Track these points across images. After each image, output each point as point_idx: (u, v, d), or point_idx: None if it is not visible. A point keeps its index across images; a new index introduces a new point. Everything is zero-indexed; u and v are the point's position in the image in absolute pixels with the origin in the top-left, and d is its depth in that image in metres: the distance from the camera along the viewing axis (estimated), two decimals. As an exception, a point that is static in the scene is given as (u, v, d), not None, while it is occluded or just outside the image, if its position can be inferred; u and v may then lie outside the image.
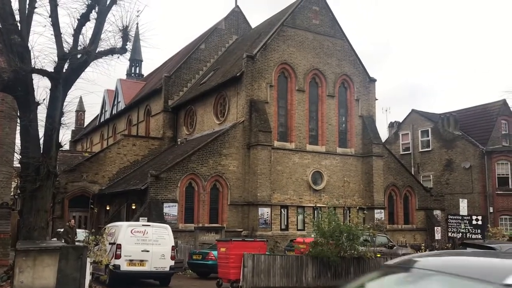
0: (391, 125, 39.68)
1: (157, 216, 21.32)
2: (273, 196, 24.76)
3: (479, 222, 20.84)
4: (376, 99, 29.80)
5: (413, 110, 37.60)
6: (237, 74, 25.60)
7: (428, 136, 36.00)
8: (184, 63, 34.62)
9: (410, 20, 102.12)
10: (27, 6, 11.30)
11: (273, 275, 14.38)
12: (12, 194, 25.59)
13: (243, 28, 37.02)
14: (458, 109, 37.05)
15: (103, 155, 30.46)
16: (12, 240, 18.39)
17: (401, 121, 38.48)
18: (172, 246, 14.99)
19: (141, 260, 14.29)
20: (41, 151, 11.39)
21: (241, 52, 28.93)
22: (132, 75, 59.02)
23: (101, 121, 46.50)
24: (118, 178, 29.67)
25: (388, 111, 43.62)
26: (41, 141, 11.53)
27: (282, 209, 25.21)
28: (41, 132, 11.58)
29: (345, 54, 28.81)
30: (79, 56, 11.41)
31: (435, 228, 26.99)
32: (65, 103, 11.78)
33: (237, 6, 37.26)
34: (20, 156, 11.45)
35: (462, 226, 20.88)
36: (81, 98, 42.26)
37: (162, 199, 22.47)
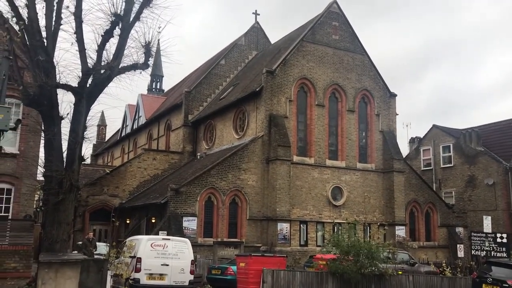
0: (412, 140, 39.29)
1: (176, 230, 21.39)
2: (292, 211, 24.63)
3: (504, 240, 20.44)
4: (397, 114, 29.61)
5: (434, 126, 37.16)
6: (257, 89, 25.73)
7: (449, 152, 35.47)
8: (204, 78, 35.01)
9: (434, 34, 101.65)
10: (53, 23, 11.58)
11: (292, 291, 14.22)
12: (35, 206, 25.95)
13: (262, 43, 37.32)
14: (480, 124, 36.49)
15: (124, 169, 30.80)
16: (34, 252, 18.61)
17: (422, 137, 38.06)
18: (192, 261, 15.00)
19: (161, 274, 14.33)
20: (64, 165, 11.57)
21: (260, 67, 29.11)
22: (153, 90, 59.86)
23: (122, 135, 47.11)
24: (138, 192, 29.93)
25: (409, 126, 43.23)
26: (64, 155, 11.72)
27: (301, 225, 25.04)
28: (64, 146, 11.78)
29: (365, 69, 28.77)
30: (102, 71, 11.64)
31: (458, 245, 26.47)
32: (88, 118, 11.99)
33: (257, 22, 37.62)
34: (44, 170, 11.64)
35: (487, 244, 20.49)
36: (102, 112, 42.76)
37: (181, 213, 22.55)
